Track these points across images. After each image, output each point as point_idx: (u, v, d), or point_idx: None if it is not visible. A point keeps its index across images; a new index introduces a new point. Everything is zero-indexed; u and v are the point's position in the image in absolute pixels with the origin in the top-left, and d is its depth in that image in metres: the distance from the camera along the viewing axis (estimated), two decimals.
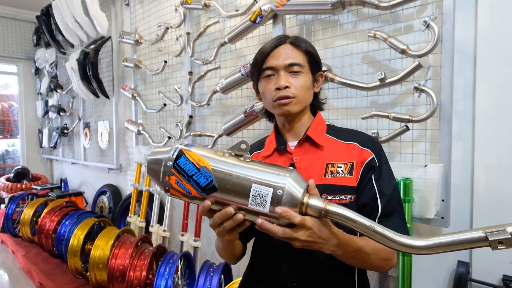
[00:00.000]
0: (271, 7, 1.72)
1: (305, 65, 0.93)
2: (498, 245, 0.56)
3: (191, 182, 0.72)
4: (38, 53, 4.55)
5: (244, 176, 0.70)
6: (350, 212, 0.67)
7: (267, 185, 0.68)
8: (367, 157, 0.90)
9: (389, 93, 1.50)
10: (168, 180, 0.73)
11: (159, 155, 0.76)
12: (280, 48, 0.94)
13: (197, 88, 2.44)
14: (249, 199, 0.68)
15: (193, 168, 0.72)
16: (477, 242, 0.58)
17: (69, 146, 4.40)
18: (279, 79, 0.91)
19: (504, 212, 1.27)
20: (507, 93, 1.25)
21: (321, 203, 0.68)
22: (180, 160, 0.73)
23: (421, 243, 0.61)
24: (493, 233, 0.56)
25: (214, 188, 0.70)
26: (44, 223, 2.74)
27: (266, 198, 0.67)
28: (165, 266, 1.82)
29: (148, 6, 2.87)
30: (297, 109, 0.93)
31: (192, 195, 0.72)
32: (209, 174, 0.71)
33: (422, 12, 1.40)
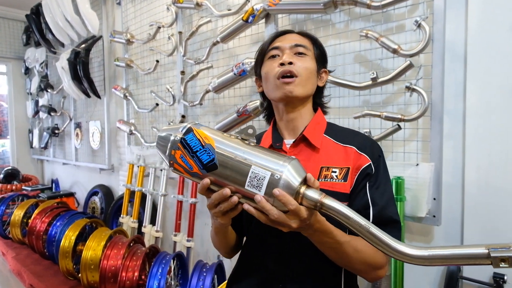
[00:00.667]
0: (263, 6, 1.72)
1: (311, 49, 0.95)
2: (501, 262, 0.53)
3: (194, 158, 0.73)
4: (28, 52, 4.49)
5: (245, 158, 0.71)
6: (346, 208, 0.66)
7: (265, 169, 0.69)
8: (364, 163, 0.87)
9: (381, 92, 1.51)
10: (174, 154, 0.75)
11: (170, 130, 0.78)
12: (287, 34, 0.97)
13: (190, 87, 2.43)
14: (246, 180, 0.69)
15: (198, 144, 0.73)
16: (478, 259, 0.55)
17: (60, 147, 4.35)
18: (283, 56, 0.91)
19: (495, 210, 1.28)
20: (497, 92, 1.27)
21: (318, 195, 0.68)
22: (188, 136, 0.75)
23: (417, 253, 0.59)
24: (496, 250, 0.53)
25: (215, 166, 0.72)
26: (34, 224, 2.71)
27: (263, 181, 0.68)
28: (157, 266, 1.81)
29: (139, 5, 2.85)
30: (299, 91, 0.90)
31: (194, 171, 0.74)
32: (212, 152, 0.72)
33: (413, 12, 1.41)
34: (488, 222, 1.30)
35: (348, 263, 0.81)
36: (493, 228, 1.29)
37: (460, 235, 1.37)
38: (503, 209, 1.27)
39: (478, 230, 1.32)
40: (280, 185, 0.67)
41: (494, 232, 1.28)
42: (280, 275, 0.87)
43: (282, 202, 0.66)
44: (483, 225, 1.31)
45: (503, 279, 1.24)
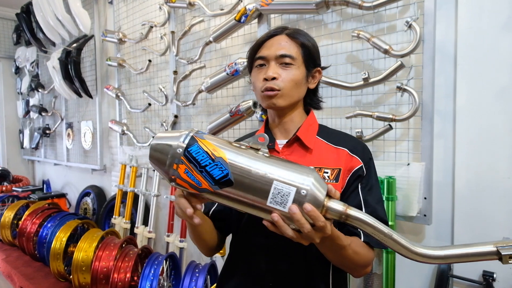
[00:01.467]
0: (256, 6, 1.72)
1: (298, 58, 0.91)
2: (509, 259, 0.57)
3: (204, 173, 0.66)
4: (18, 51, 4.43)
5: (265, 173, 0.65)
6: (369, 217, 0.66)
7: (290, 184, 0.64)
8: (356, 165, 0.89)
9: (373, 92, 1.52)
10: (176, 168, 0.67)
11: (167, 140, 0.69)
12: (274, 38, 0.93)
13: (182, 87, 2.42)
14: (269, 197, 0.64)
15: (207, 157, 0.66)
16: (488, 255, 0.59)
17: (52, 147, 4.30)
18: (268, 69, 0.90)
19: (485, 209, 1.30)
20: (486, 93, 1.28)
21: (342, 206, 0.66)
22: (192, 148, 0.67)
23: (435, 253, 0.62)
24: (504, 248, 0.58)
25: (230, 182, 0.65)
26: (25, 226, 2.67)
27: (288, 197, 0.63)
28: (150, 267, 1.80)
29: (132, 4, 2.83)
30: (282, 103, 0.91)
31: (202, 187, 0.67)
32: (225, 167, 0.66)
33: (405, 13, 1.42)
34: (478, 221, 1.31)
35: (345, 263, 0.83)
36: (483, 227, 1.30)
37: (450, 234, 1.39)
38: (492, 208, 1.28)
39: (468, 229, 1.33)
40: (307, 200, 0.63)
41: (484, 231, 1.30)
42: (272, 275, 0.87)
43: (312, 218, 0.64)
44: (472, 224, 1.32)
45: (492, 277, 1.26)
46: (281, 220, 0.64)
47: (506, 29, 1.24)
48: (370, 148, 1.49)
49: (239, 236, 0.97)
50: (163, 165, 0.69)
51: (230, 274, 0.97)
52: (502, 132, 1.26)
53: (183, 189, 0.70)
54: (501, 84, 1.25)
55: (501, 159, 1.26)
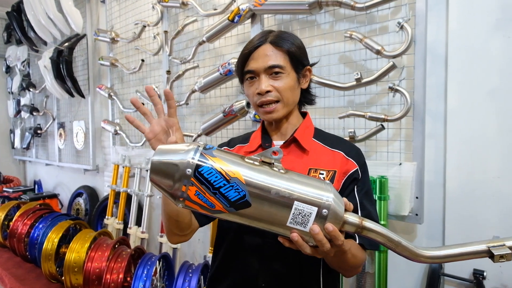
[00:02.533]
0: (249, 6, 1.72)
1: (287, 66, 0.91)
2: (500, 259, 0.62)
3: (218, 195, 0.61)
4: (9, 50, 4.38)
5: (284, 191, 0.62)
6: (382, 228, 0.68)
7: (311, 203, 0.62)
8: (351, 168, 0.91)
9: (365, 93, 1.53)
10: (185, 191, 0.61)
11: (171, 156, 0.62)
12: (260, 49, 0.92)
13: (175, 87, 2.41)
14: (289, 217, 0.61)
15: (220, 179, 0.61)
16: (481, 254, 0.65)
17: (43, 147, 4.26)
18: (260, 83, 0.90)
19: (475, 208, 1.32)
20: (477, 93, 1.30)
21: (357, 220, 0.67)
22: (204, 168, 0.61)
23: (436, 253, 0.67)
24: (495, 247, 0.63)
25: (247, 203, 0.61)
26: (16, 227, 2.64)
27: (309, 217, 0.61)
28: (143, 268, 1.79)
29: (124, 4, 2.81)
30: (282, 114, 0.93)
31: (216, 209, 0.62)
32: (242, 188, 0.61)
33: (396, 14, 1.43)
34: (469, 220, 1.33)
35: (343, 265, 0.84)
36: (474, 226, 1.32)
37: (441, 233, 1.40)
38: (483, 207, 1.30)
39: (459, 228, 1.35)
40: (328, 219, 0.62)
41: (474, 230, 1.32)
42: (264, 274, 0.87)
43: (332, 238, 0.63)
44: (463, 223, 1.34)
45: (482, 275, 1.28)
46: (301, 239, 0.63)
47: (496, 30, 1.26)
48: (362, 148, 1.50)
49: (231, 236, 0.97)
50: (168, 187, 0.62)
51: (224, 273, 0.96)
52: (492, 132, 1.27)
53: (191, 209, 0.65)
54: (492, 85, 1.27)
55: (491, 159, 1.28)
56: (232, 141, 1.10)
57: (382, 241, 0.67)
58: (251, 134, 1.06)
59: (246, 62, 0.93)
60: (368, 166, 0.98)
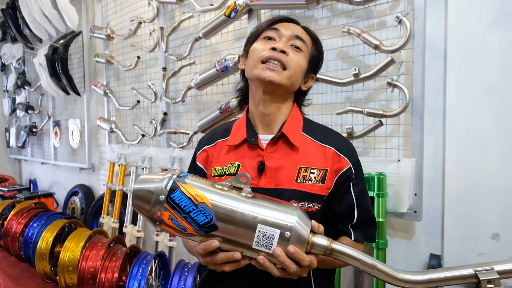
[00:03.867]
0: (245, 2, 1.70)
1: (309, 47, 0.90)
2: (488, 284, 0.60)
3: (188, 219, 0.67)
4: (3, 48, 4.34)
5: (248, 215, 0.66)
6: (353, 250, 0.68)
7: (274, 226, 0.65)
8: (344, 166, 0.87)
9: (363, 88, 1.51)
10: (160, 215, 0.68)
11: (148, 184, 0.69)
12: (291, 24, 0.92)
13: (172, 84, 2.39)
14: (254, 240, 0.65)
15: (190, 204, 0.67)
16: (467, 279, 0.62)
17: (39, 146, 4.22)
18: (279, 42, 0.85)
19: (474, 205, 1.30)
20: (476, 88, 1.28)
21: (326, 242, 0.68)
22: (175, 194, 0.67)
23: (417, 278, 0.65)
24: (482, 272, 0.60)
25: (215, 227, 0.66)
26: (10, 226, 2.61)
27: (273, 239, 0.65)
28: (138, 267, 1.76)
29: (120, 0, 2.78)
30: (282, 82, 0.84)
31: (188, 232, 0.68)
32: (209, 212, 0.66)
33: (395, 8, 1.42)
34: (468, 217, 1.31)
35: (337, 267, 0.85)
36: (472, 223, 1.30)
37: (440, 230, 1.39)
38: (482, 203, 1.28)
39: (457, 225, 1.33)
40: (292, 242, 0.65)
41: (473, 227, 1.30)
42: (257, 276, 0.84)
43: (296, 260, 0.65)
44: (462, 220, 1.32)
45: None
46: (266, 262, 0.66)
47: (496, 25, 1.24)
48: (360, 145, 1.49)
49: None
50: (146, 211, 0.69)
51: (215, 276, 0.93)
52: (491, 128, 1.26)
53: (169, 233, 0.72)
54: (491, 80, 1.26)
55: (490, 155, 1.26)
56: (212, 136, 1.00)
57: (355, 264, 0.67)
58: (232, 123, 0.98)
59: (273, 24, 0.91)
60: (366, 163, 0.96)
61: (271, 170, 0.85)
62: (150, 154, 2.53)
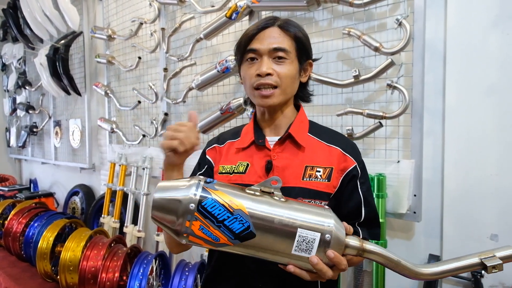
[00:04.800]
0: (246, 3, 1.71)
1: (292, 52, 0.88)
2: (493, 269, 0.66)
3: (222, 228, 0.62)
4: (4, 48, 4.34)
5: (288, 221, 0.63)
6: (382, 249, 0.70)
7: (314, 230, 0.63)
8: (350, 165, 0.89)
9: (363, 90, 1.52)
10: (189, 226, 0.62)
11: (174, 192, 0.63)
12: (266, 30, 0.88)
13: (173, 85, 2.40)
14: (293, 245, 0.63)
15: (224, 211, 0.62)
16: (475, 267, 0.67)
17: (39, 145, 4.23)
18: (261, 65, 0.86)
19: (473, 206, 1.31)
20: (475, 90, 1.29)
21: (358, 242, 0.68)
22: (207, 201, 0.62)
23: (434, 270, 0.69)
24: (487, 259, 0.66)
25: (252, 234, 0.62)
26: (11, 225, 2.61)
27: (313, 243, 0.63)
28: (139, 266, 1.77)
29: (121, 1, 2.79)
30: (279, 101, 0.88)
31: (221, 243, 0.63)
32: (246, 219, 0.62)
33: (395, 11, 1.43)
34: (467, 218, 1.32)
35: None
36: (471, 224, 1.31)
37: (439, 231, 1.40)
38: (481, 204, 1.29)
39: (457, 226, 1.34)
40: (332, 245, 0.63)
41: (472, 228, 1.31)
42: (260, 275, 0.85)
43: (335, 264, 0.65)
44: (461, 221, 1.33)
45: (480, 273, 1.27)
46: (297, 270, 0.65)
47: (495, 27, 1.25)
48: (360, 146, 1.50)
49: None
50: (172, 223, 0.63)
51: (220, 274, 0.94)
52: (490, 130, 1.27)
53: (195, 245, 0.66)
54: (490, 82, 1.27)
55: (489, 156, 1.27)
56: (222, 137, 1.04)
57: (383, 261, 0.69)
58: (242, 128, 1.01)
59: (249, 42, 0.89)
60: (366, 164, 0.97)
61: (278, 169, 0.87)
62: (151, 154, 2.54)
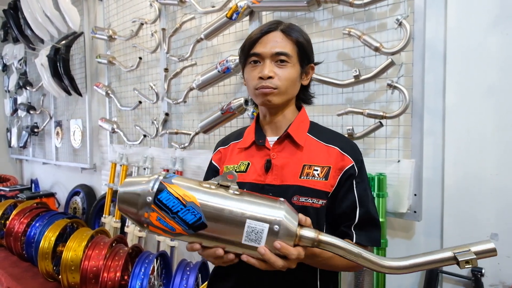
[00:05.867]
0: (247, 4, 1.71)
1: (294, 56, 0.91)
2: (466, 264, 0.63)
3: (176, 219, 0.67)
4: (5, 48, 4.35)
5: (237, 211, 0.67)
6: (340, 240, 0.70)
7: (262, 221, 0.66)
8: (347, 164, 0.90)
9: (364, 90, 1.52)
10: (147, 217, 0.68)
11: (134, 187, 0.69)
12: (269, 35, 0.91)
13: (173, 85, 2.40)
14: (243, 235, 0.66)
15: (178, 203, 0.67)
16: (447, 261, 0.64)
17: (40, 146, 4.24)
18: (263, 68, 0.89)
19: (473, 205, 1.31)
20: (475, 90, 1.30)
21: (313, 234, 0.69)
22: (162, 194, 0.67)
23: (401, 264, 0.67)
24: (460, 254, 0.63)
25: (204, 225, 0.67)
26: (12, 226, 2.62)
27: (262, 234, 0.66)
28: (140, 266, 1.78)
29: (122, 1, 2.80)
30: (278, 100, 0.91)
31: (177, 232, 0.68)
32: (197, 210, 0.67)
33: (395, 11, 1.43)
34: (467, 217, 1.33)
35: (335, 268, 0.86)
36: (472, 223, 1.32)
37: (440, 230, 1.40)
38: (481, 204, 1.30)
39: (457, 225, 1.35)
40: (280, 235, 0.66)
41: (472, 227, 1.32)
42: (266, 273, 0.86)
43: (284, 254, 0.66)
44: (462, 220, 1.34)
45: (481, 272, 1.28)
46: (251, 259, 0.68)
47: (495, 28, 1.25)
48: (361, 146, 1.50)
49: None
50: (133, 214, 0.69)
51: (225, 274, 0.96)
52: (490, 129, 1.27)
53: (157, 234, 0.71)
54: (490, 82, 1.27)
55: (489, 156, 1.28)
56: (227, 139, 1.09)
57: (342, 253, 0.69)
58: (245, 129, 1.05)
59: (253, 46, 0.92)
60: (367, 164, 0.97)
61: (277, 168, 0.90)
62: (151, 154, 2.54)
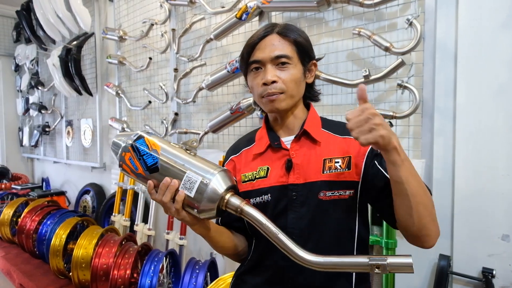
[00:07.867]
0: (257, 4, 1.72)
1: (294, 56, 0.90)
2: (375, 269, 0.65)
3: (141, 160, 0.83)
4: (18, 49, 4.43)
5: (183, 164, 0.81)
6: (261, 216, 0.77)
7: (198, 174, 0.79)
8: (367, 147, 0.87)
9: (373, 90, 1.52)
10: (124, 155, 0.85)
11: (124, 136, 0.89)
12: (266, 39, 0.90)
13: (183, 85, 2.42)
14: (181, 182, 0.79)
15: (146, 149, 0.83)
16: (360, 266, 0.68)
17: (51, 145, 4.30)
18: (266, 73, 0.88)
19: (484, 206, 1.31)
20: (486, 90, 1.29)
21: (239, 202, 0.79)
22: (139, 141, 0.85)
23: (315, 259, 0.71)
24: (373, 259, 0.66)
25: (157, 168, 0.81)
26: (24, 223, 2.67)
27: (195, 184, 0.78)
28: (149, 264, 1.80)
29: (132, 2, 2.83)
30: (286, 105, 0.90)
31: (138, 172, 0.83)
32: (157, 157, 0.82)
33: (405, 11, 1.43)
34: (477, 217, 1.32)
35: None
36: (482, 223, 1.31)
37: (450, 231, 1.39)
38: (491, 204, 1.29)
39: (467, 225, 1.34)
40: (208, 190, 0.77)
41: (482, 227, 1.31)
42: (290, 270, 0.86)
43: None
44: (472, 220, 1.33)
45: (491, 273, 1.27)
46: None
47: (506, 27, 1.25)
48: None
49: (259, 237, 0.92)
50: (117, 151, 0.87)
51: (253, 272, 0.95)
52: (501, 130, 1.26)
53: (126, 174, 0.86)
54: (501, 82, 1.26)
55: (500, 156, 1.27)
56: (236, 147, 1.06)
57: (260, 229, 0.76)
58: (255, 134, 1.03)
59: (251, 53, 0.91)
60: None
61: (298, 166, 0.89)
62: None
